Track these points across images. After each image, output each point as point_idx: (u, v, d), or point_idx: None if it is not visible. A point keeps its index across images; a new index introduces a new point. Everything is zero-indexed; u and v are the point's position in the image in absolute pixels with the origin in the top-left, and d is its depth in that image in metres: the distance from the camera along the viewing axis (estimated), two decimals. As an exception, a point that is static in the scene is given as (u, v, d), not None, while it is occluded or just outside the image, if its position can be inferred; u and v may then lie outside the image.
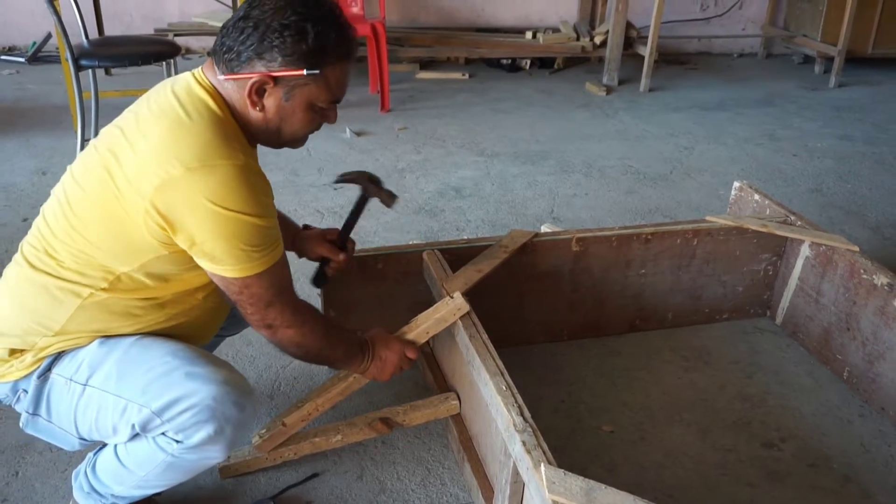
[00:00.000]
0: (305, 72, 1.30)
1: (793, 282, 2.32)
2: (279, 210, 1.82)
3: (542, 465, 1.30)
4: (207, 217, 1.25)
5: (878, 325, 2.02)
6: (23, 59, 4.82)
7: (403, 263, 2.02)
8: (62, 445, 1.47)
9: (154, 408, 1.32)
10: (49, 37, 4.76)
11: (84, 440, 1.44)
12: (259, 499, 1.68)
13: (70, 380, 1.37)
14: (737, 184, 2.51)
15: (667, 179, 3.54)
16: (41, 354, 1.38)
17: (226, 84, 1.33)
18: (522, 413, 1.42)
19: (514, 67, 5.25)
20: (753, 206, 2.43)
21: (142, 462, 1.41)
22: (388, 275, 2.01)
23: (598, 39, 5.05)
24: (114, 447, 1.45)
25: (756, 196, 2.41)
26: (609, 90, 4.84)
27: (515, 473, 1.42)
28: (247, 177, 1.28)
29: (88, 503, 1.52)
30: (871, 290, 2.03)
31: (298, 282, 1.54)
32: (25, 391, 1.40)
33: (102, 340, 1.38)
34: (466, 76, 5.03)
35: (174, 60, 3.32)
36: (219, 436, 1.35)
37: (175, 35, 4.55)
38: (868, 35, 5.24)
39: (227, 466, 1.71)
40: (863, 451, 1.91)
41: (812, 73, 5.49)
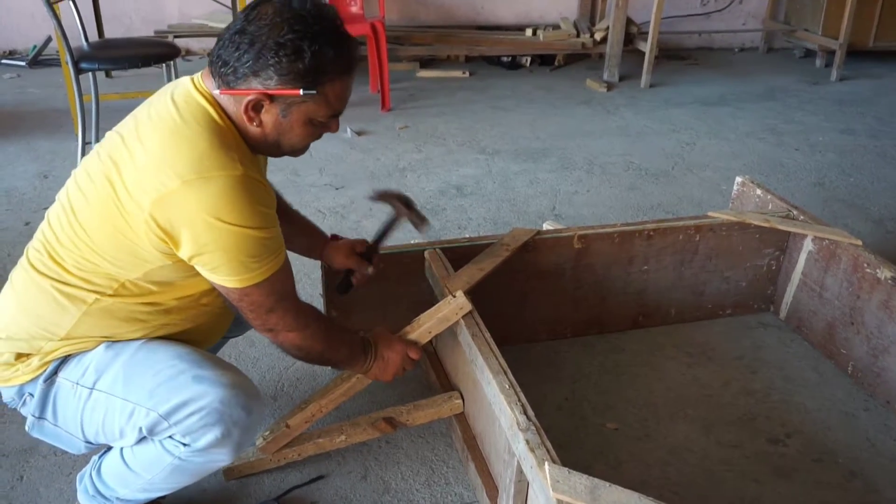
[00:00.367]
0: (302, 92, 1.26)
1: (796, 276, 2.31)
2: (307, 218, 1.82)
3: (547, 464, 1.30)
4: (205, 230, 1.24)
5: (883, 319, 2.01)
6: (23, 63, 4.83)
7: (405, 263, 2.02)
8: (68, 449, 1.48)
9: (161, 411, 1.33)
10: (49, 40, 4.77)
11: (90, 444, 1.44)
12: (263, 500, 1.68)
13: (76, 383, 1.37)
14: (739, 179, 2.51)
15: (668, 175, 3.53)
16: (47, 358, 1.38)
17: (222, 97, 1.31)
18: (526, 411, 1.42)
19: (515, 65, 5.25)
20: (756, 201, 2.42)
21: (148, 465, 1.41)
22: (390, 274, 2.01)
23: (599, 36, 5.04)
24: (119, 450, 1.45)
25: (758, 191, 2.41)
26: (610, 86, 4.83)
27: (519, 472, 1.42)
28: (245, 188, 1.25)
29: (93, 506, 1.52)
30: (875, 284, 2.03)
31: (300, 282, 1.54)
32: (31, 395, 1.40)
33: (109, 344, 1.38)
34: (467, 74, 5.02)
35: (174, 62, 3.32)
36: (226, 439, 1.35)
37: (175, 37, 4.54)
38: (869, 28, 5.23)
39: (232, 468, 1.71)
40: (868, 446, 1.91)
41: (813, 67, 5.47)
